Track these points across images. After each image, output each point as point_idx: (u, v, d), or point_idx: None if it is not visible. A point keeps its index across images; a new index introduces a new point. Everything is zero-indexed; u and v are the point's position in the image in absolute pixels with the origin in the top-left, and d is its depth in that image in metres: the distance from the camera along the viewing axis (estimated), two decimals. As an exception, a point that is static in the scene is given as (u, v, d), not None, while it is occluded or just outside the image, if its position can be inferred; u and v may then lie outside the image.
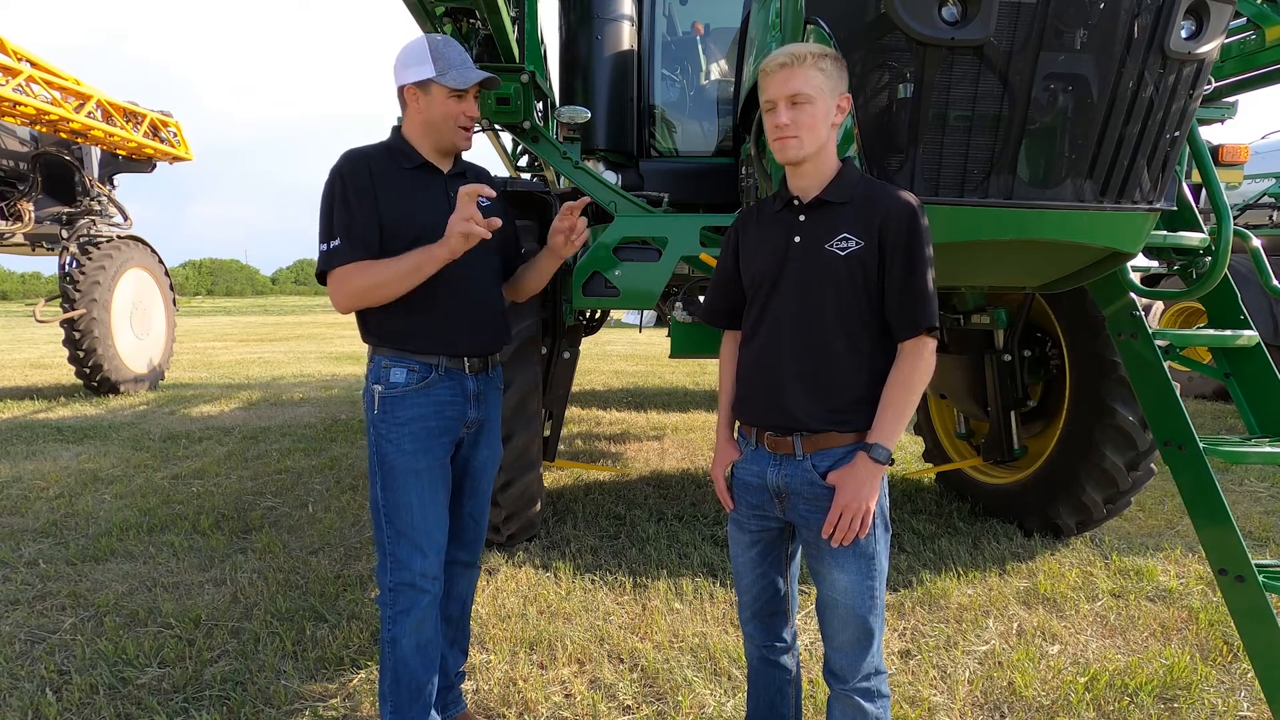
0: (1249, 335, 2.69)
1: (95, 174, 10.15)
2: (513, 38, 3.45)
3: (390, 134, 2.14)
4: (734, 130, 4.26)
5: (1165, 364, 2.62)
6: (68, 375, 10.17)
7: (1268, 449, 2.43)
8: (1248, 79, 3.32)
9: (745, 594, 1.92)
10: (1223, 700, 2.53)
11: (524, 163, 6.48)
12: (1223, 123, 3.74)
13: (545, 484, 4.48)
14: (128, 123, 9.52)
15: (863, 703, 1.73)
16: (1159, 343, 2.65)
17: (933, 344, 1.68)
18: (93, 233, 9.85)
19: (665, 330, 4.35)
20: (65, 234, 9.68)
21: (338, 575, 3.53)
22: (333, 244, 1.94)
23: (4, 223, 9.18)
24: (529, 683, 2.63)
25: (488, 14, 3.14)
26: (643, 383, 10.80)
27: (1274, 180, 8.43)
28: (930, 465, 5.12)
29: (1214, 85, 3.39)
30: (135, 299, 10.09)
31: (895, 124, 2.16)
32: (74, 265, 9.32)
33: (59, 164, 9.70)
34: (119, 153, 10.08)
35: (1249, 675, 2.66)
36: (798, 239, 1.73)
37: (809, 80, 1.65)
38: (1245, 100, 3.78)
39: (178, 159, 10.78)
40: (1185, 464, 2.45)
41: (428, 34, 2.12)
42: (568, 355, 4.48)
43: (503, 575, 3.56)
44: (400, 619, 2.03)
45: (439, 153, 2.09)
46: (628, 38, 4.43)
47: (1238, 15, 3.06)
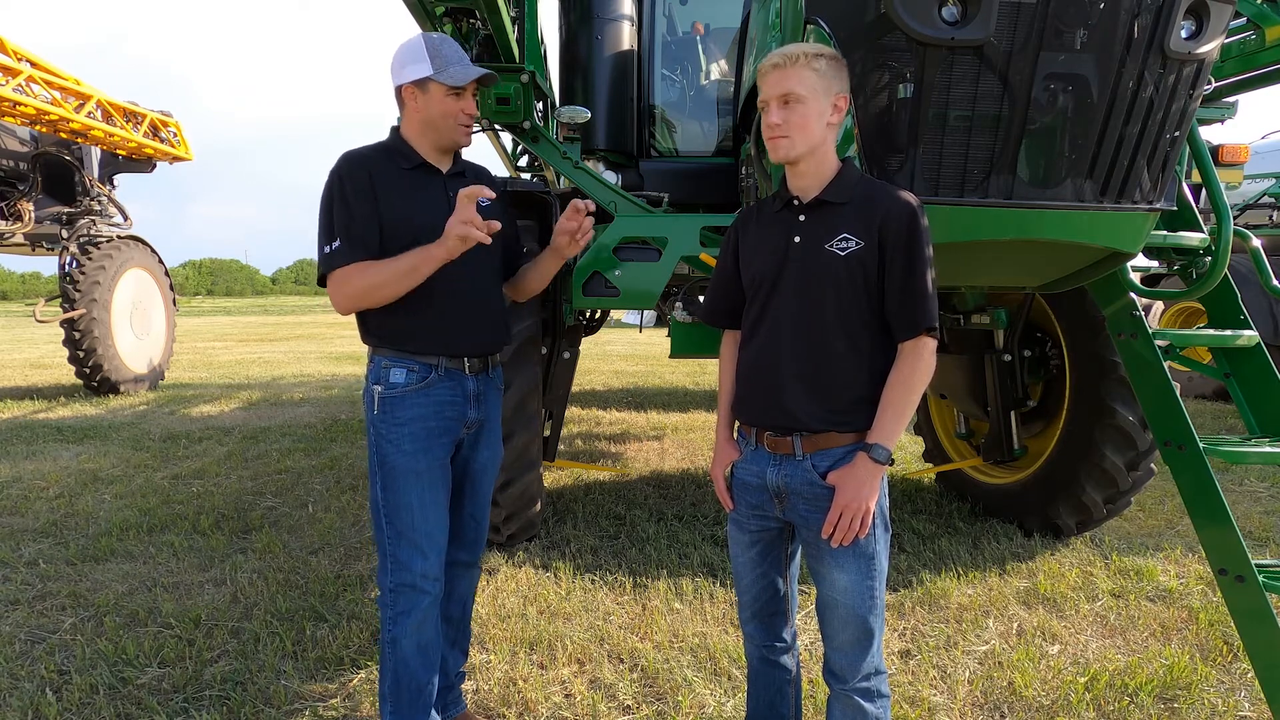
0: (1249, 335, 2.69)
1: (95, 174, 10.15)
2: (513, 38, 3.45)
3: (389, 134, 2.13)
4: (734, 130, 4.26)
5: (1165, 364, 2.63)
6: (68, 375, 10.17)
7: (1268, 449, 2.43)
8: (1248, 79, 3.32)
9: (745, 594, 1.92)
10: (1223, 700, 2.53)
11: (524, 163, 6.48)
12: (1223, 123, 3.75)
13: (545, 484, 4.48)
14: (128, 123, 9.52)
15: (863, 703, 1.73)
16: (1159, 343, 2.65)
17: (933, 344, 1.68)
18: (93, 233, 9.85)
19: (665, 330, 4.35)
20: (65, 234, 9.68)
21: (338, 575, 3.53)
22: (333, 246, 1.95)
23: (4, 223, 9.18)
24: (529, 683, 2.63)
25: (488, 14, 3.14)
26: (643, 383, 10.80)
27: (1274, 180, 8.43)
28: (930, 465, 5.12)
29: (1214, 85, 3.39)
30: (135, 299, 10.09)
31: (895, 124, 2.16)
32: (74, 265, 9.32)
33: (59, 164, 9.71)
34: (119, 153, 10.09)
35: (1249, 675, 2.66)
36: (798, 239, 1.73)
37: (801, 80, 1.66)
38: (1245, 100, 3.78)
39: (178, 159, 10.79)
40: (1185, 464, 2.45)
41: (424, 33, 2.11)
42: (568, 355, 4.49)
43: (503, 575, 3.56)
44: (401, 620, 2.02)
45: (438, 151, 2.08)
46: (628, 38, 4.43)
47: (1238, 15, 3.06)
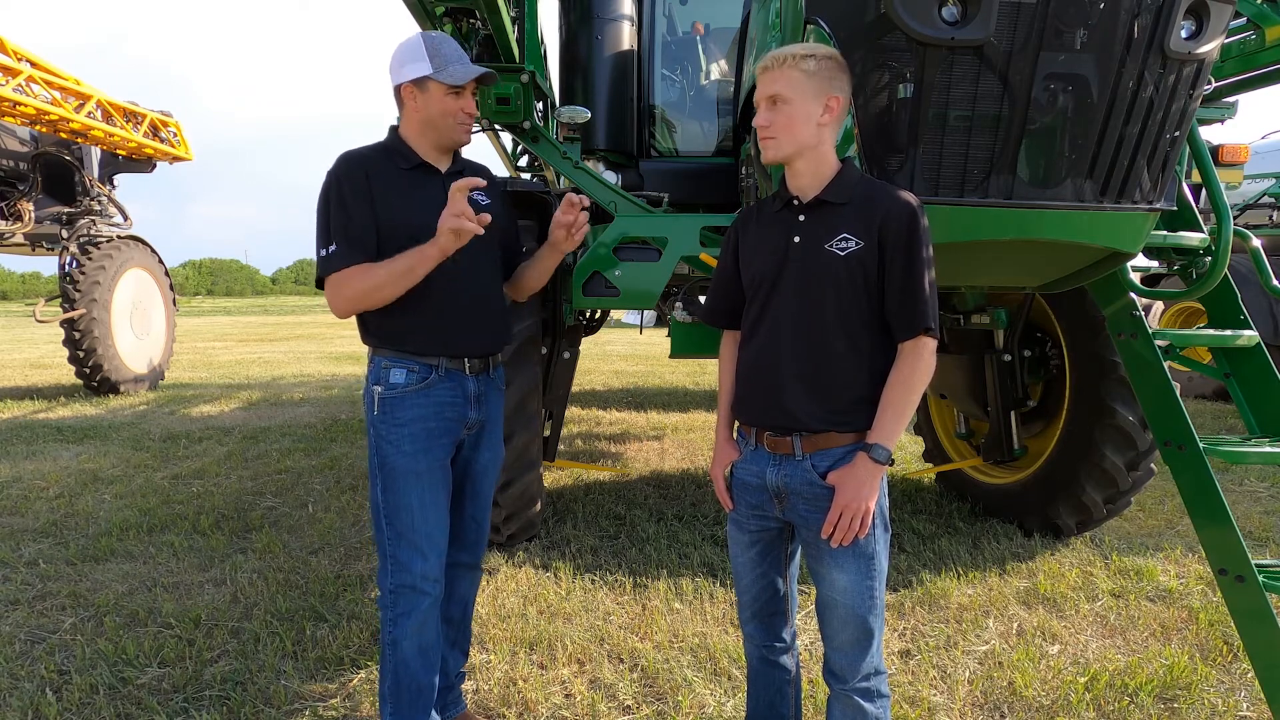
0: (1249, 335, 2.69)
1: (95, 174, 10.15)
2: (513, 38, 3.44)
3: (387, 134, 2.12)
4: (734, 130, 4.26)
5: (1165, 364, 2.62)
6: (68, 375, 10.17)
7: (1268, 449, 2.43)
8: (1248, 79, 3.32)
9: (745, 594, 1.92)
10: (1223, 700, 2.53)
11: (524, 163, 6.48)
12: (1223, 123, 3.74)
13: (545, 484, 4.48)
14: (128, 123, 9.52)
15: (862, 703, 1.73)
16: (1159, 343, 2.65)
17: (933, 344, 1.68)
18: (93, 233, 9.85)
19: (665, 330, 4.35)
20: (65, 234, 9.67)
21: (338, 575, 3.53)
22: (330, 249, 1.94)
23: (4, 223, 9.18)
24: (529, 683, 2.63)
25: (488, 14, 3.14)
26: (643, 383, 10.79)
27: (1274, 180, 8.43)
28: (930, 465, 5.11)
29: (1214, 85, 3.39)
30: (135, 299, 10.09)
31: (895, 124, 2.16)
32: (74, 265, 9.32)
33: (59, 164, 9.70)
34: (119, 153, 10.08)
35: (1249, 675, 2.66)
36: (797, 239, 1.73)
37: (786, 81, 1.67)
38: (1245, 100, 3.78)
39: (178, 159, 10.78)
40: (1185, 464, 2.45)
41: (423, 32, 2.10)
42: (568, 355, 4.49)
43: (503, 575, 3.56)
44: (401, 621, 2.02)
45: (438, 151, 2.08)
46: (628, 38, 4.42)
47: (1238, 15, 3.06)
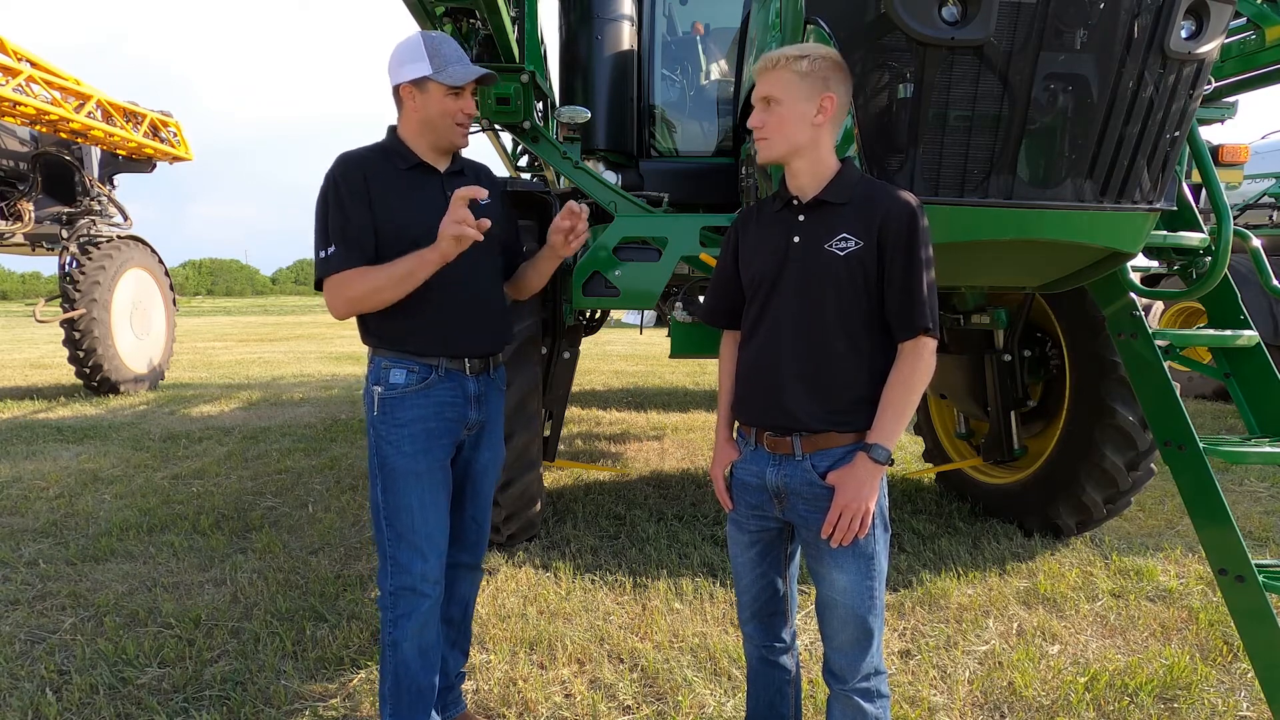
0: (1249, 335, 2.69)
1: (95, 174, 10.15)
2: (513, 38, 3.44)
3: (386, 134, 2.11)
4: (734, 130, 4.26)
5: (1165, 364, 2.62)
6: (68, 375, 10.17)
7: (1268, 449, 2.43)
8: (1248, 79, 3.32)
9: (744, 594, 1.92)
10: (1223, 700, 2.53)
11: (524, 163, 6.48)
12: (1223, 123, 3.74)
13: (545, 484, 4.48)
14: (128, 123, 9.52)
15: (862, 703, 1.73)
16: (1159, 343, 2.65)
17: (933, 344, 1.68)
18: (93, 233, 9.85)
19: (665, 330, 4.35)
20: (65, 234, 9.67)
21: (338, 575, 3.53)
22: (328, 250, 1.93)
23: (4, 223, 9.18)
24: (529, 683, 2.63)
25: (488, 14, 3.14)
26: (643, 383, 10.79)
27: (1274, 180, 8.43)
28: (930, 465, 5.11)
29: (1214, 85, 3.39)
30: (135, 299, 10.09)
31: (895, 124, 2.16)
32: (74, 265, 9.32)
33: (59, 164, 9.70)
34: (119, 153, 10.08)
35: (1249, 675, 2.66)
36: (797, 239, 1.73)
37: (778, 83, 1.68)
38: (1245, 100, 3.78)
39: (178, 159, 10.78)
40: (1185, 464, 2.45)
41: (422, 31, 2.09)
42: (568, 355, 4.48)
43: (503, 575, 3.56)
44: (401, 623, 2.02)
45: (436, 152, 2.07)
46: (628, 38, 4.42)
47: (1238, 15, 3.06)
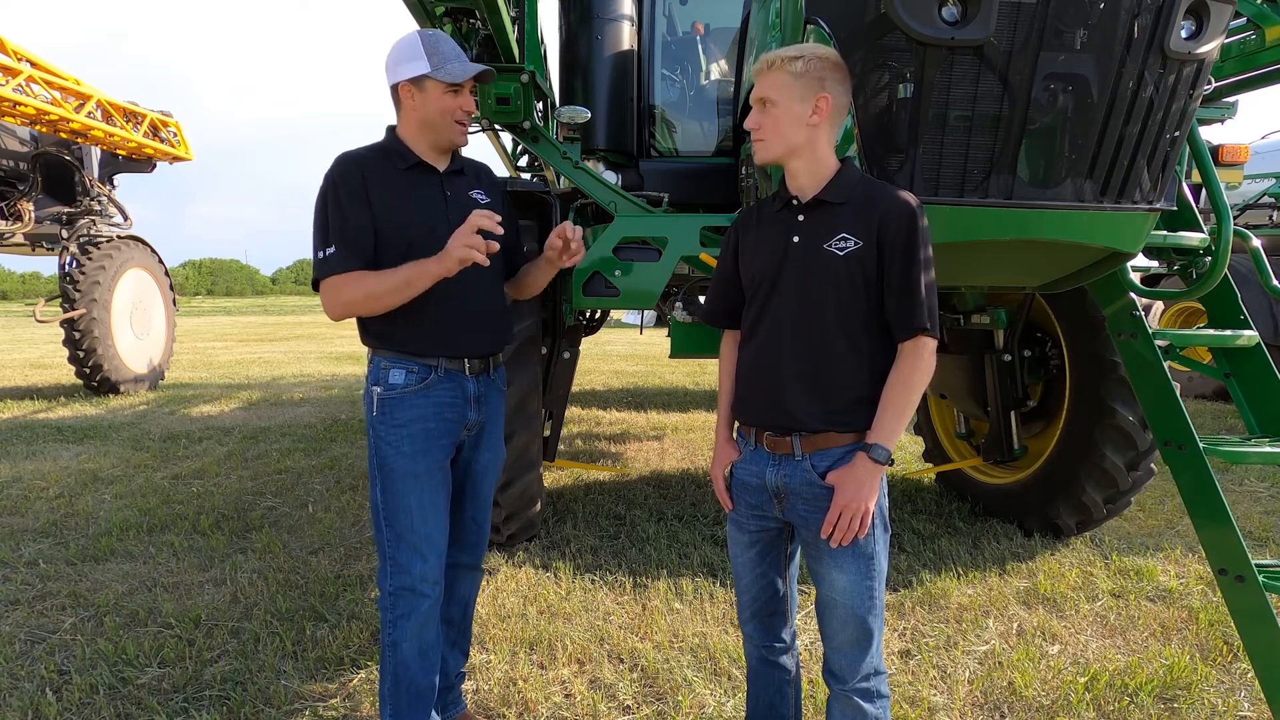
0: (1249, 335, 2.69)
1: (95, 174, 10.15)
2: (513, 38, 3.44)
3: (385, 134, 2.11)
4: (734, 130, 4.25)
5: (1165, 364, 2.62)
6: (68, 375, 10.17)
7: (1268, 449, 2.43)
8: (1248, 79, 3.32)
9: (744, 594, 1.92)
10: (1223, 700, 2.53)
11: (524, 163, 6.47)
12: (1223, 123, 3.74)
13: (545, 484, 4.48)
14: (128, 123, 9.52)
15: (862, 703, 1.73)
16: (1159, 343, 2.65)
17: (932, 344, 1.67)
18: (93, 233, 9.85)
19: (665, 330, 4.35)
20: (65, 234, 9.68)
21: (338, 575, 3.53)
22: (327, 252, 1.93)
23: (4, 223, 9.18)
24: (529, 683, 2.63)
25: (488, 14, 3.13)
26: (643, 383, 10.79)
27: (1274, 180, 8.43)
28: (930, 465, 5.11)
29: (1214, 85, 3.39)
30: (135, 299, 10.09)
31: (895, 124, 2.16)
32: (74, 265, 9.32)
33: (59, 164, 9.70)
34: (119, 153, 10.08)
35: (1249, 675, 2.66)
36: (796, 239, 1.73)
37: (774, 83, 1.69)
38: (1245, 100, 3.78)
39: (178, 159, 10.78)
40: (1185, 464, 2.45)
41: (419, 29, 2.08)
42: (568, 355, 4.48)
43: (503, 575, 3.56)
44: (400, 623, 2.02)
45: (436, 150, 2.07)
46: (628, 38, 4.42)
47: (1238, 15, 3.06)
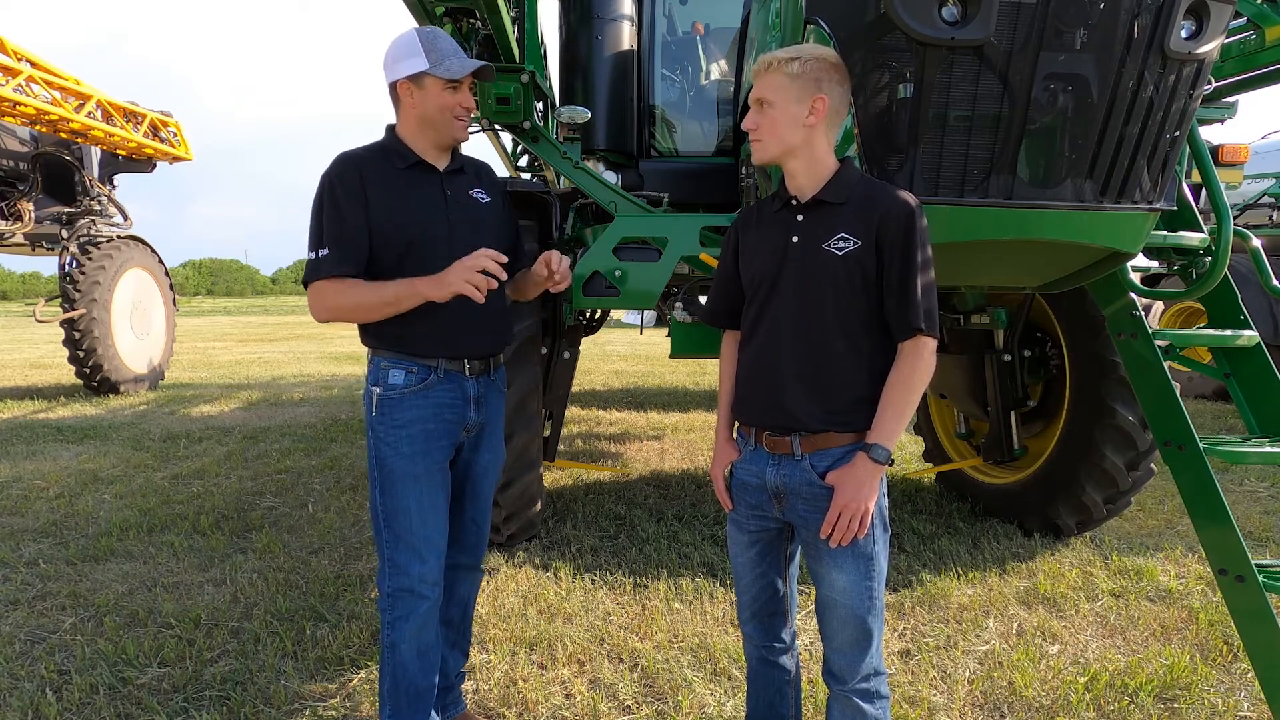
0: (1249, 335, 2.69)
1: (95, 174, 10.15)
2: (513, 38, 3.44)
3: (384, 134, 2.10)
4: (734, 130, 4.26)
5: (1165, 364, 2.62)
6: (68, 375, 10.17)
7: (1268, 449, 2.43)
8: (1248, 79, 3.32)
9: (744, 594, 1.92)
10: (1223, 700, 2.53)
11: (524, 163, 6.47)
12: (1223, 123, 3.74)
13: (545, 484, 4.48)
14: (128, 123, 9.52)
15: (862, 704, 1.73)
16: (1159, 343, 2.65)
17: (932, 344, 1.67)
18: (93, 233, 9.85)
19: (665, 330, 4.35)
20: (65, 234, 9.68)
21: (338, 575, 3.53)
22: (320, 253, 1.93)
23: (4, 223, 9.18)
24: (529, 683, 2.63)
25: (488, 14, 3.13)
26: (643, 383, 10.79)
27: (1274, 180, 8.43)
28: (930, 465, 5.11)
29: (1214, 85, 3.39)
30: (135, 299, 10.09)
31: (895, 124, 2.16)
32: (74, 265, 9.32)
33: (59, 164, 9.70)
34: (119, 153, 10.08)
35: (1249, 675, 2.66)
36: (795, 239, 1.73)
37: (770, 84, 1.70)
38: (1245, 100, 3.78)
39: (178, 159, 10.78)
40: (1185, 464, 2.45)
41: (416, 27, 2.08)
42: (568, 355, 4.48)
43: (503, 575, 3.56)
44: (399, 624, 2.02)
45: (437, 149, 2.06)
46: (628, 38, 4.42)
47: (1238, 15, 3.06)
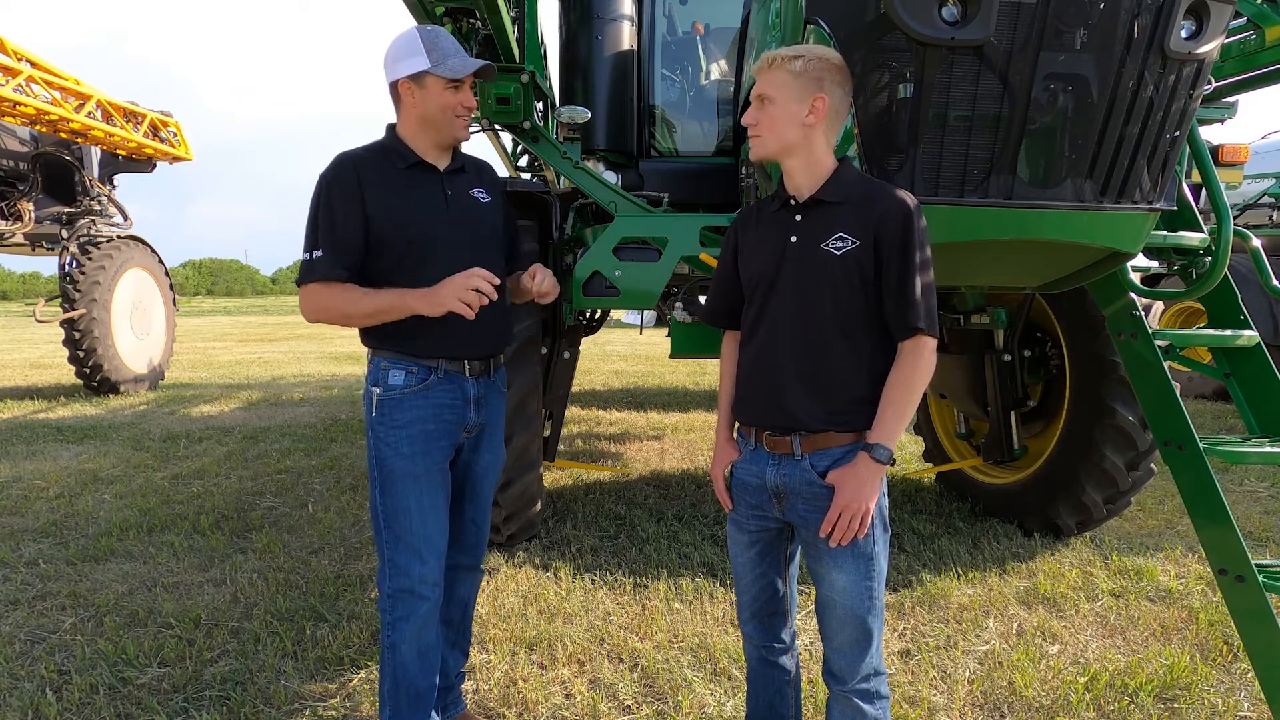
0: (1249, 335, 2.69)
1: (95, 174, 10.15)
2: (513, 38, 3.44)
3: (385, 133, 2.09)
4: (734, 130, 4.26)
5: (1165, 364, 2.62)
6: (68, 375, 10.17)
7: (1268, 449, 2.43)
8: (1248, 79, 3.32)
9: (744, 594, 1.92)
10: (1223, 700, 2.53)
11: (524, 163, 6.47)
12: (1223, 123, 3.74)
13: (545, 484, 4.48)
14: (128, 123, 9.52)
15: (861, 704, 1.73)
16: (1159, 343, 2.65)
17: (932, 343, 1.67)
18: (93, 233, 9.85)
19: (665, 330, 4.35)
20: (65, 234, 9.68)
21: (338, 575, 3.53)
22: (314, 255, 1.92)
23: (4, 223, 9.18)
24: (529, 683, 2.63)
25: (488, 14, 3.13)
26: (643, 383, 10.79)
27: (1274, 180, 8.43)
28: (930, 465, 5.11)
29: (1214, 85, 3.39)
30: (135, 299, 10.09)
31: (895, 124, 2.16)
32: (74, 265, 9.32)
33: (59, 164, 9.70)
34: (119, 153, 10.08)
35: (1249, 675, 2.65)
36: (794, 238, 1.73)
37: (772, 82, 1.70)
38: (1245, 100, 3.78)
39: (178, 159, 10.78)
40: (1185, 464, 2.45)
41: (417, 26, 2.07)
42: (568, 355, 4.49)
43: (503, 575, 3.56)
44: (400, 625, 2.01)
45: (438, 149, 2.05)
46: (628, 38, 4.42)
47: (1238, 15, 3.06)
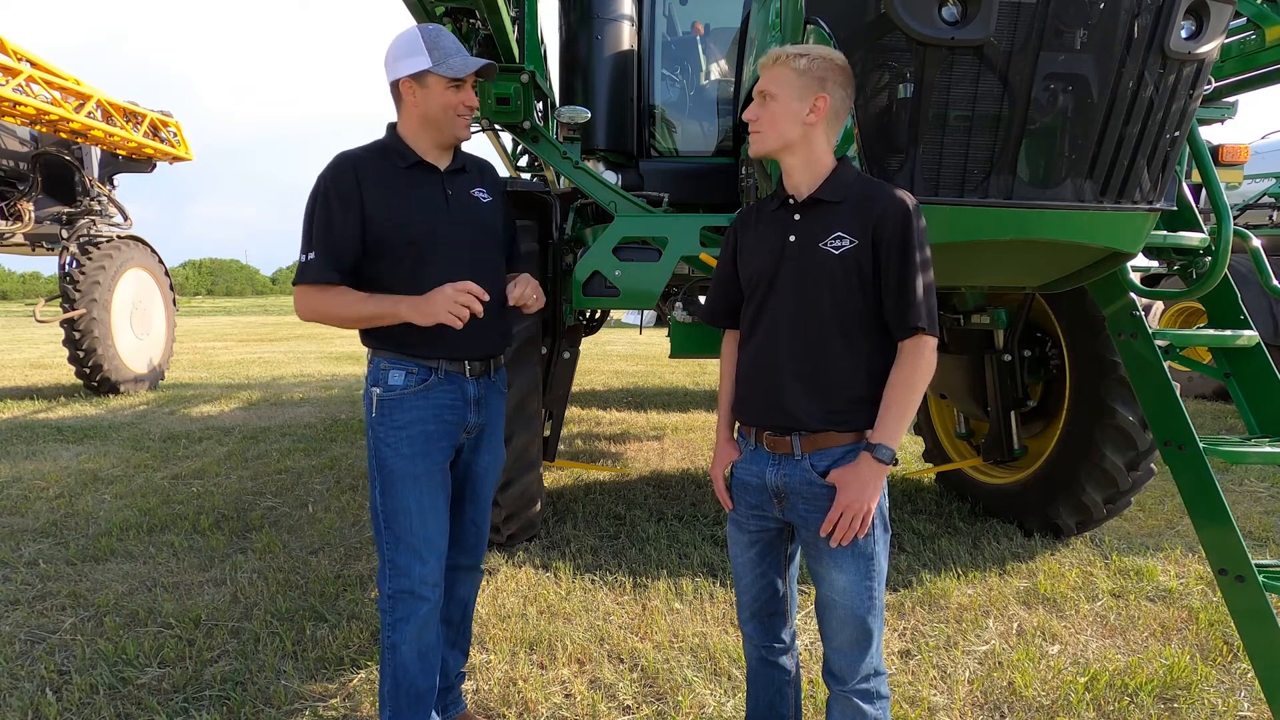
0: (1249, 335, 2.69)
1: (95, 174, 10.15)
2: (513, 38, 3.44)
3: (385, 133, 2.08)
4: (734, 130, 4.26)
5: (1165, 364, 2.63)
6: (68, 375, 10.17)
7: (1268, 449, 2.43)
8: (1248, 79, 3.32)
9: (744, 594, 1.92)
10: (1223, 700, 2.53)
11: (524, 163, 6.48)
12: (1223, 123, 3.74)
13: (545, 484, 4.48)
14: (128, 123, 9.52)
15: (861, 704, 1.73)
16: (1159, 343, 2.65)
17: (933, 343, 1.67)
18: (93, 233, 9.85)
19: (665, 330, 4.35)
20: (65, 234, 9.68)
21: (338, 575, 3.53)
22: (309, 256, 1.92)
23: (4, 223, 9.18)
24: (529, 683, 2.63)
25: (488, 14, 3.13)
26: (643, 383, 10.79)
27: (1274, 180, 8.43)
28: (930, 465, 5.11)
29: (1214, 85, 3.39)
30: (135, 299, 10.09)
31: (895, 124, 2.16)
32: (74, 265, 9.32)
33: (59, 164, 9.70)
34: (119, 153, 10.08)
35: (1249, 675, 2.66)
36: (793, 238, 1.73)
37: (776, 78, 1.70)
38: (1245, 100, 3.78)
39: (178, 159, 10.78)
40: (1185, 464, 2.45)
41: (418, 25, 2.06)
42: (568, 355, 4.49)
43: (503, 575, 3.56)
44: (400, 626, 2.01)
45: (439, 148, 2.04)
46: (628, 38, 4.42)
47: (1238, 15, 3.06)
